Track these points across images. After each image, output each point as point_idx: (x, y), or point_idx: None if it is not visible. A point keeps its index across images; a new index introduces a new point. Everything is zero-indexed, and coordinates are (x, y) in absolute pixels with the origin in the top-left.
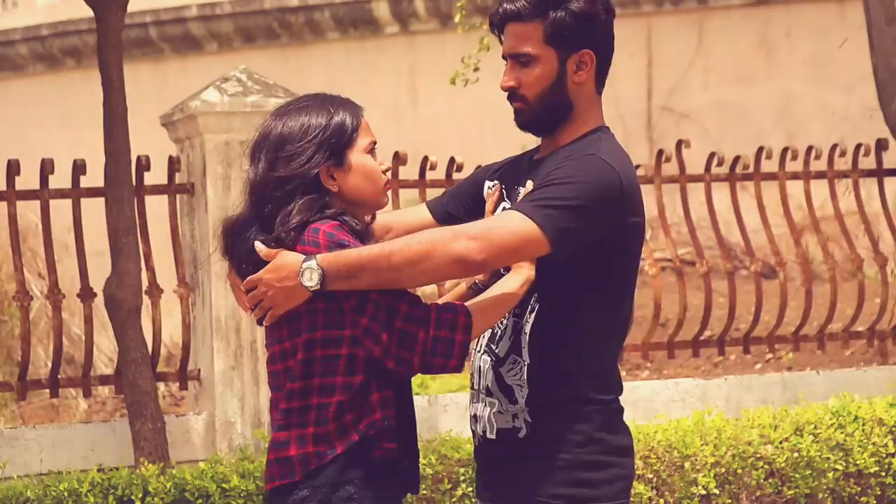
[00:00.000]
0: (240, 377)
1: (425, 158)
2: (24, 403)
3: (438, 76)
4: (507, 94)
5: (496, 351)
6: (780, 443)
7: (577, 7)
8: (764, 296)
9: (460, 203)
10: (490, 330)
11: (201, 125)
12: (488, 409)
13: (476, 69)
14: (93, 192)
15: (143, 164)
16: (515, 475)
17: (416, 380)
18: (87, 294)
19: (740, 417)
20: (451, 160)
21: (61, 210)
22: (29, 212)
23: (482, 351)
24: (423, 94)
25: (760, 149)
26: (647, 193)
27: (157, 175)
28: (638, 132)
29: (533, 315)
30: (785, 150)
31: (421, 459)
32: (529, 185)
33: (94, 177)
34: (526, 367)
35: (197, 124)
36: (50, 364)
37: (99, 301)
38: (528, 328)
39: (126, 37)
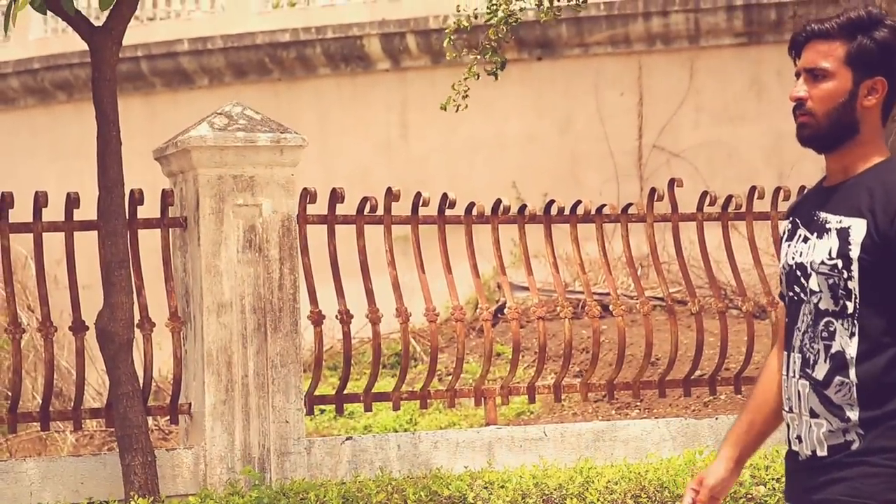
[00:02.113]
0: (230, 411)
1: (418, 194)
2: (10, 436)
3: (430, 112)
4: (793, 106)
5: (814, 375)
6: (772, 483)
7: (882, 37)
8: (755, 335)
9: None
10: (801, 355)
11: (195, 159)
12: (816, 429)
13: (465, 96)
14: (86, 226)
15: (137, 198)
16: (850, 479)
17: (405, 416)
18: (79, 327)
19: None
20: (444, 196)
21: (49, 243)
22: (16, 245)
23: (798, 376)
24: (415, 130)
25: (753, 188)
26: (639, 232)
27: (147, 209)
28: (629, 170)
29: (855, 339)
30: (777, 189)
31: (410, 496)
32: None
33: (85, 209)
34: (855, 388)
35: (190, 158)
36: (37, 397)
37: (88, 335)
38: (852, 351)
39: (118, 71)
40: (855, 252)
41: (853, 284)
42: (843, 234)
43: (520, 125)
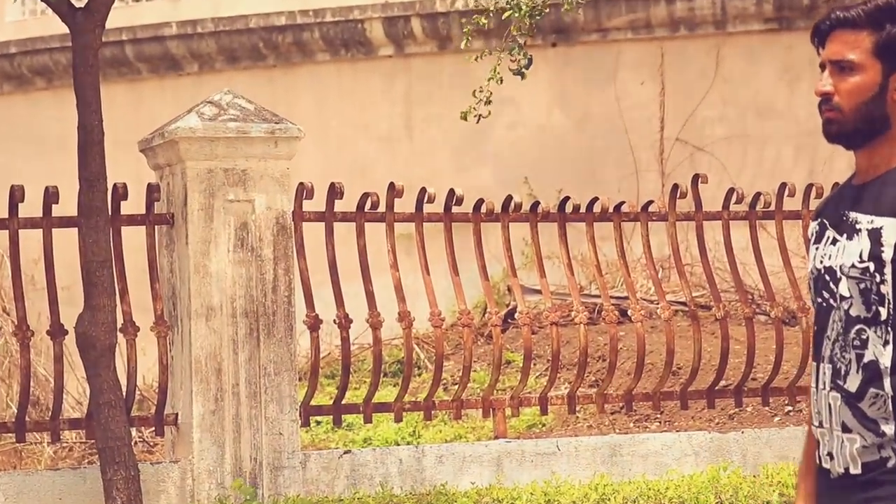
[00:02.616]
0: (220, 423)
1: (422, 190)
2: None
3: (436, 102)
4: (819, 101)
5: (845, 387)
6: None
7: None
8: (785, 343)
9: None
10: (831, 365)
11: (182, 151)
12: (848, 445)
13: (489, 101)
14: (65, 222)
15: (120, 193)
16: (886, 498)
17: (408, 428)
18: (57, 331)
19: (758, 474)
20: (451, 192)
21: (26, 241)
22: None
23: (828, 388)
24: (419, 121)
25: (783, 185)
26: (660, 231)
27: (131, 204)
28: (649, 165)
29: (889, 347)
30: (809, 186)
31: None
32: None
33: (65, 204)
34: (890, 400)
35: (178, 150)
36: (12, 406)
37: (67, 339)
38: (886, 360)
39: (101, 56)
40: (888, 254)
41: (886, 289)
42: (875, 235)
43: (533, 116)
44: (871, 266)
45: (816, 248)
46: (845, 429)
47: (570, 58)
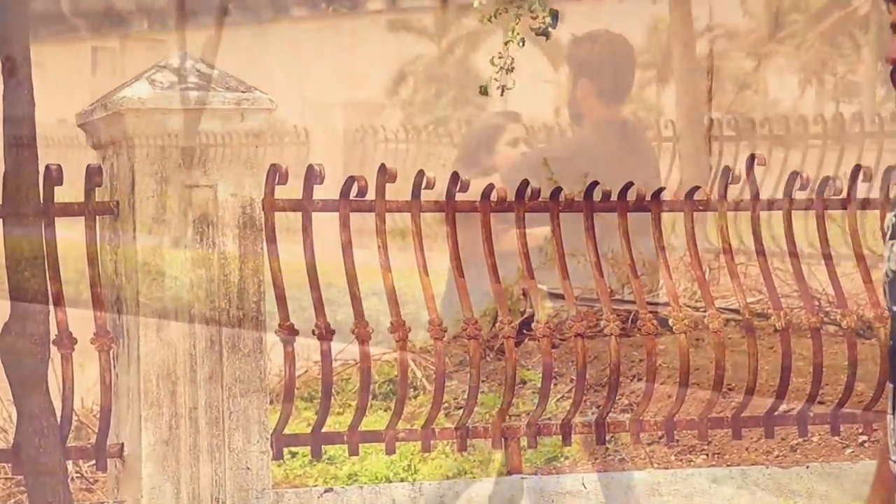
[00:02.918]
0: (174, 454)
1: (420, 173)
2: None
3: (435, 67)
4: (891, 69)
5: None
6: None
7: None
8: (859, 360)
9: None
10: None
11: (130, 126)
12: None
13: (511, 69)
14: None
15: (54, 177)
16: None
17: (403, 462)
18: None
19: None
20: (455, 176)
21: None
22: None
23: None
24: (416, 90)
25: (856, 168)
26: (708, 222)
27: (65, 190)
28: (694, 144)
29: None
30: (888, 169)
31: None
32: None
33: None
34: None
35: (124, 125)
36: None
37: None
38: None
39: (31, 10)
40: None
41: None
42: None
43: (552, 85)
44: None
45: (893, 246)
46: None
47: (596, 15)
